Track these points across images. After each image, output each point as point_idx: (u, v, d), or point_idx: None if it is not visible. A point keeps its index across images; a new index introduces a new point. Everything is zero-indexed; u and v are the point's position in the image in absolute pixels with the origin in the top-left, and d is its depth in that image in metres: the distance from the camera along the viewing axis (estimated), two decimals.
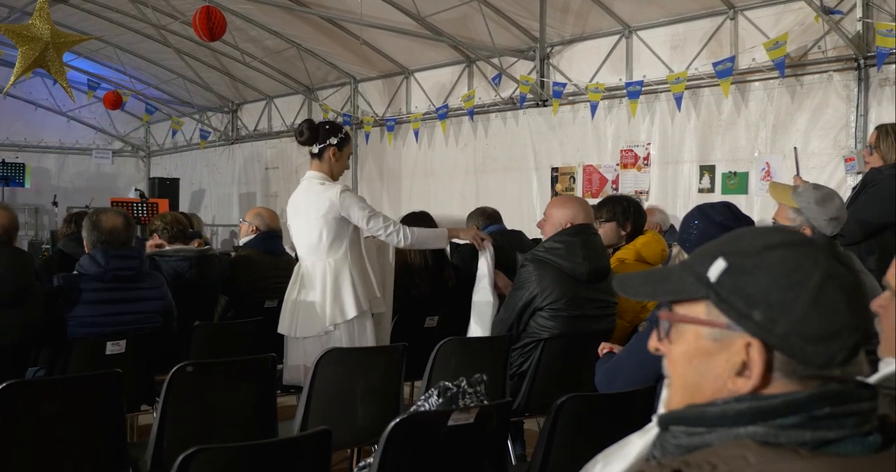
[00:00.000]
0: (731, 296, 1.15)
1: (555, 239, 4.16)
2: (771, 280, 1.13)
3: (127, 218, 4.28)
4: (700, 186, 8.02)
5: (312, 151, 4.56)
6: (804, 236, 1.19)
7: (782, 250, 1.15)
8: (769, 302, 1.12)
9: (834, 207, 3.39)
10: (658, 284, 1.26)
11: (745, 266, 1.16)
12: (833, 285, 1.11)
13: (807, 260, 1.13)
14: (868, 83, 6.93)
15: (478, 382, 2.67)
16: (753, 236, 1.21)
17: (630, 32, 8.58)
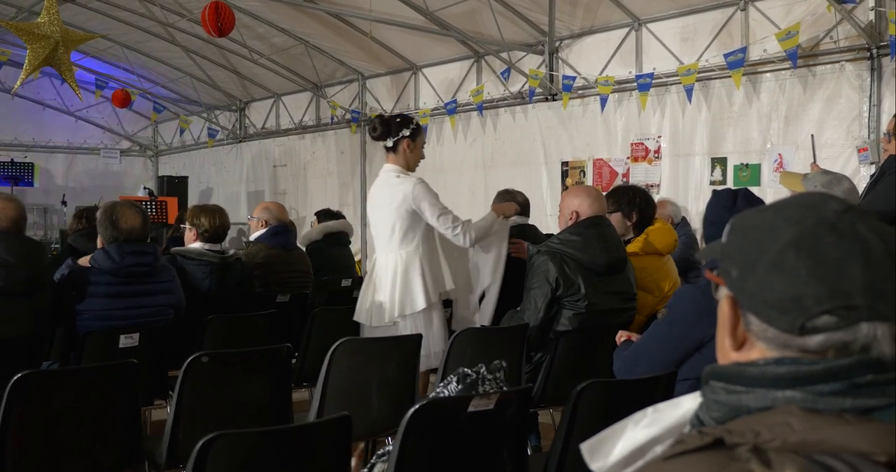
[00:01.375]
0: (725, 255, 1.16)
1: (570, 231, 4.13)
2: (746, 240, 1.13)
3: (145, 216, 4.25)
4: (711, 178, 7.97)
5: (387, 145, 4.72)
6: (812, 199, 1.15)
7: (772, 212, 1.14)
8: (741, 261, 1.12)
9: (840, 191, 3.37)
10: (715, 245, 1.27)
11: (738, 227, 1.16)
12: (799, 250, 1.08)
13: (785, 222, 1.11)
14: (881, 73, 6.87)
15: (497, 368, 2.64)
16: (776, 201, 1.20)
17: (640, 25, 8.53)
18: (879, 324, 1.12)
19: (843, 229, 1.11)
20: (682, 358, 2.99)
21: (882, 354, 1.12)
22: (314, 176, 12.96)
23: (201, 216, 4.95)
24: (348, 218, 11.99)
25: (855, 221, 1.13)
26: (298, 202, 13.13)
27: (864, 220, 1.15)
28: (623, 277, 4.18)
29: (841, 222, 1.12)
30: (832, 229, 1.10)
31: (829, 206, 1.14)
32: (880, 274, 1.11)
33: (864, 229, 1.13)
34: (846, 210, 1.14)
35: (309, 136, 13.02)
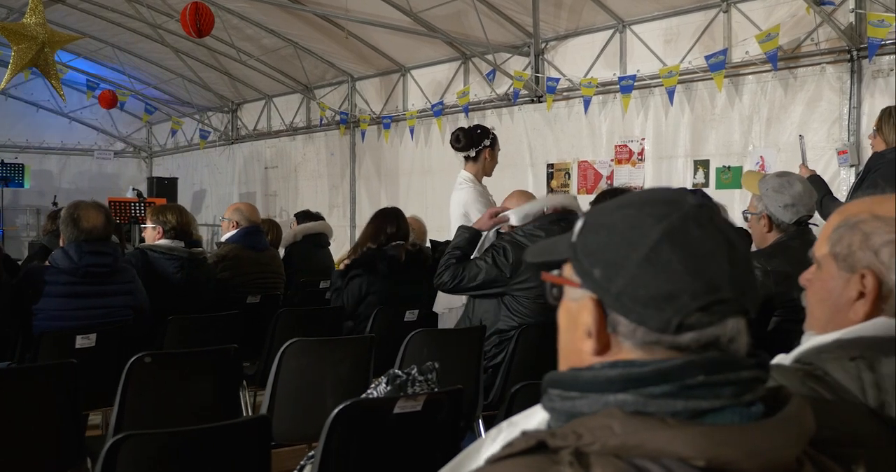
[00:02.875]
0: (581, 254, 1.12)
1: (535, 225, 4.12)
2: (610, 237, 1.09)
3: (107, 214, 4.24)
4: (694, 180, 7.94)
5: (469, 155, 5.14)
6: (670, 195, 1.12)
7: (633, 209, 1.11)
8: (606, 260, 1.08)
9: (791, 194, 3.33)
10: (551, 244, 1.22)
11: (595, 224, 1.13)
12: (671, 245, 1.05)
13: (652, 218, 1.08)
14: (861, 75, 6.83)
15: (429, 369, 2.61)
16: (623, 196, 1.17)
17: (624, 27, 8.51)
18: (741, 319, 1.11)
19: (704, 223, 1.09)
20: None
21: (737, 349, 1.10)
22: (305, 177, 12.96)
23: (167, 213, 4.94)
24: (338, 219, 12.08)
25: (712, 215, 1.12)
26: (289, 204, 13.13)
27: (717, 213, 1.13)
28: None
29: (701, 216, 1.10)
30: (697, 223, 1.08)
31: (687, 200, 1.12)
32: (741, 267, 1.10)
33: (721, 223, 1.11)
34: (703, 204, 1.12)
35: (300, 137, 13.02)
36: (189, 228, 4.98)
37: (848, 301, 1.45)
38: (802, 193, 3.36)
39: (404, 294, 5.13)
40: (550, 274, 1.19)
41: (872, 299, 1.42)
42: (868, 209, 1.47)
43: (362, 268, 5.10)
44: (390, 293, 5.12)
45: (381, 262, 5.11)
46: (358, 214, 11.84)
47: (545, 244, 1.24)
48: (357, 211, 11.90)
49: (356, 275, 5.09)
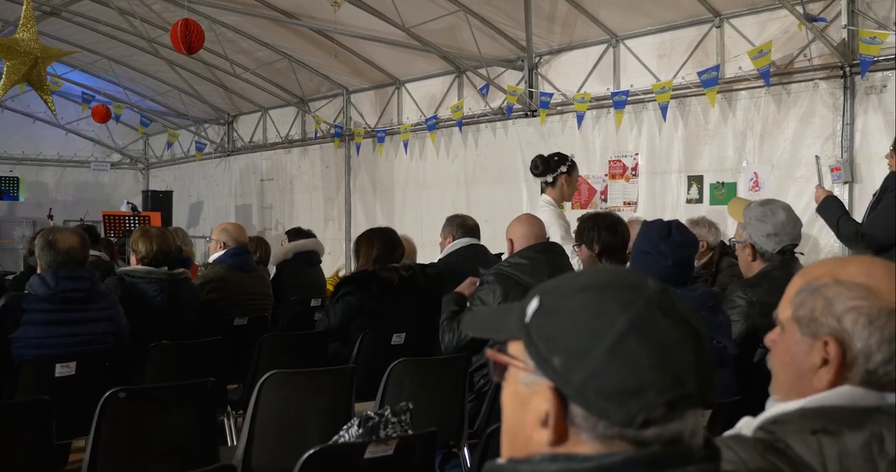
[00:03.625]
0: (538, 338, 1.06)
1: (520, 255, 4.08)
2: (572, 325, 1.04)
3: (83, 237, 4.20)
4: (688, 196, 7.90)
5: (547, 181, 5.51)
6: (631, 279, 1.08)
7: (594, 293, 1.05)
8: (568, 348, 1.03)
9: (773, 223, 3.29)
10: (496, 319, 1.17)
11: (554, 307, 1.07)
12: (639, 336, 1.01)
13: (616, 305, 1.03)
14: (854, 91, 6.80)
15: (402, 410, 2.57)
16: (578, 275, 1.12)
17: (617, 41, 8.48)
18: (701, 412, 1.07)
19: (668, 310, 1.05)
20: None
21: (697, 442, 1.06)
22: (300, 190, 12.93)
23: (138, 242, 4.89)
24: (333, 232, 12.05)
25: (674, 301, 1.07)
26: (285, 217, 13.10)
27: (677, 299, 1.09)
28: None
29: (664, 303, 1.06)
30: (662, 311, 1.04)
31: (648, 285, 1.08)
32: (704, 358, 1.06)
33: (682, 310, 1.07)
34: (664, 289, 1.08)
35: (295, 150, 13.00)
36: (163, 256, 4.91)
37: (811, 368, 1.40)
38: (785, 221, 3.32)
39: (394, 317, 5.07)
40: (495, 352, 1.14)
41: (836, 366, 1.37)
42: (830, 273, 1.42)
43: (354, 285, 5.05)
44: (380, 315, 5.06)
45: (373, 282, 5.05)
46: (353, 227, 11.80)
47: (490, 316, 1.19)
48: (352, 224, 11.86)
49: (347, 292, 5.03)
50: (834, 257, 1.48)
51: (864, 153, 6.76)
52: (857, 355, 1.36)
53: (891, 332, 1.34)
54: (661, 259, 2.94)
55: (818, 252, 6.90)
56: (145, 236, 4.90)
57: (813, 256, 6.94)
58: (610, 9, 8.17)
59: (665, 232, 2.97)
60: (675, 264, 2.93)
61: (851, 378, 1.37)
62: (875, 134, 6.67)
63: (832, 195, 5.47)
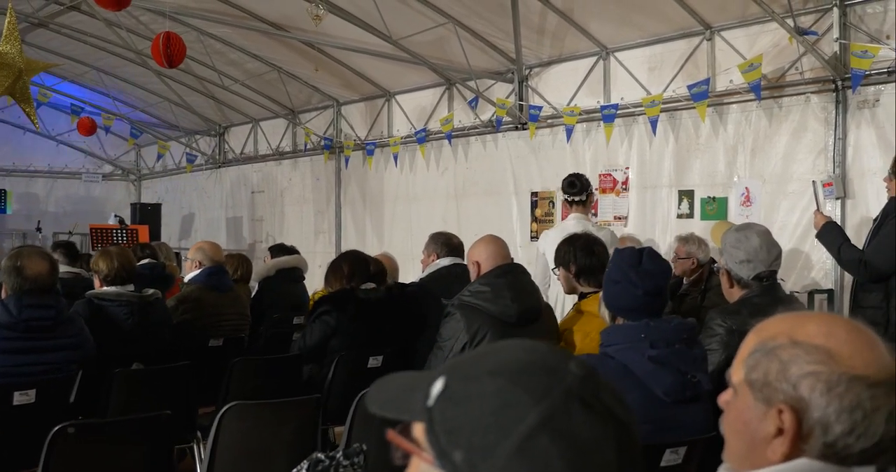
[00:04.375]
0: (440, 427, 0.93)
1: (480, 282, 3.94)
2: (478, 416, 0.90)
3: (53, 264, 4.06)
4: (679, 211, 7.76)
5: (581, 199, 5.71)
6: (550, 363, 0.94)
7: (506, 378, 0.92)
8: (471, 443, 0.90)
9: (746, 250, 3.17)
10: (401, 396, 1.03)
11: (459, 392, 0.93)
12: (552, 434, 0.87)
13: (529, 394, 0.89)
14: (846, 105, 6.67)
15: (356, 452, 2.42)
16: (492, 353, 0.98)
17: (607, 54, 8.36)
18: None
19: (590, 401, 0.91)
20: None
21: None
22: (290, 203, 12.80)
23: (98, 261, 4.75)
24: (324, 245, 11.92)
25: (598, 390, 0.94)
26: (275, 229, 12.97)
27: (603, 385, 0.95)
28: (539, 326, 3.97)
29: (587, 392, 0.92)
30: (582, 403, 0.91)
31: (571, 370, 0.94)
32: (629, 457, 0.92)
33: (608, 399, 0.93)
34: (588, 375, 0.94)
35: (286, 162, 12.88)
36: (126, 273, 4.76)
37: (765, 437, 1.26)
38: (759, 248, 3.19)
39: (371, 338, 4.94)
40: (397, 434, 1.00)
41: (791, 437, 1.23)
42: (787, 332, 1.28)
43: (332, 305, 4.91)
44: (357, 336, 4.93)
45: (350, 303, 4.92)
46: (343, 240, 11.67)
47: (396, 391, 1.04)
48: (343, 237, 11.73)
49: (324, 312, 4.90)
50: (793, 313, 1.33)
51: (857, 169, 6.63)
52: (814, 426, 1.22)
53: (851, 401, 1.20)
54: (631, 289, 2.81)
55: (810, 269, 6.78)
56: (105, 255, 4.77)
57: (804, 273, 6.81)
58: (600, 21, 8.05)
59: (635, 260, 2.84)
60: (646, 294, 2.79)
61: (809, 451, 1.23)
62: (868, 149, 6.55)
63: (832, 221, 5.34)
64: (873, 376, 1.21)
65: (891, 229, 4.61)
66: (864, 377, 1.21)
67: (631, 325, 2.83)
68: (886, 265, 4.50)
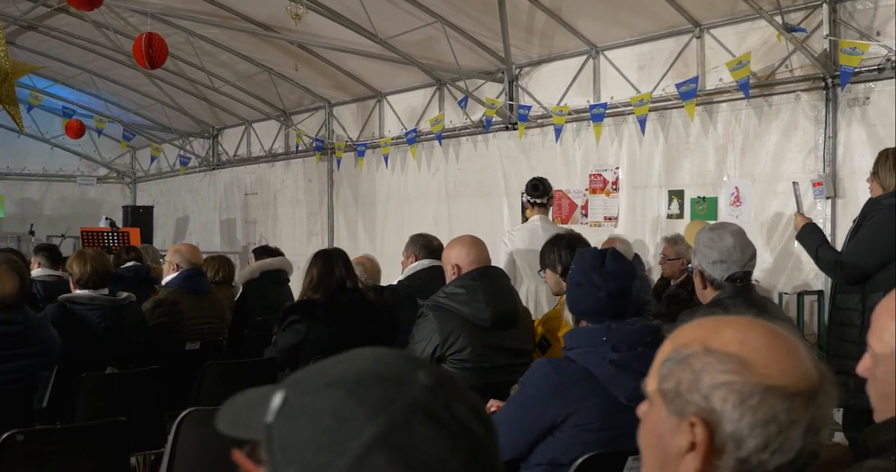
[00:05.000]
0: (277, 444, 0.85)
1: (456, 284, 3.86)
2: (313, 433, 0.83)
3: (22, 278, 3.99)
4: (669, 211, 7.67)
5: (542, 202, 6.13)
6: (396, 373, 0.86)
7: (344, 391, 0.84)
8: (305, 463, 0.83)
9: (719, 250, 3.08)
10: (245, 412, 0.94)
11: (297, 407, 0.86)
12: (389, 451, 0.79)
13: (367, 408, 0.82)
14: (837, 104, 6.57)
15: None
16: (336, 363, 0.90)
17: (597, 53, 8.27)
18: None
19: (438, 414, 0.83)
20: (534, 440, 2.70)
21: None
22: (283, 204, 12.73)
23: (73, 264, 4.70)
24: (316, 247, 11.70)
25: (449, 401, 0.85)
26: (268, 231, 12.90)
27: (458, 396, 0.87)
28: (516, 332, 3.89)
29: (434, 404, 0.84)
30: (427, 416, 0.83)
31: (418, 380, 0.86)
32: (483, 467, 0.84)
33: (461, 411, 0.85)
34: (439, 385, 0.86)
35: (279, 164, 12.81)
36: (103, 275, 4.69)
37: (678, 452, 1.17)
38: (732, 248, 3.10)
39: (345, 343, 4.84)
40: (243, 454, 0.92)
41: (703, 452, 1.14)
42: (701, 339, 1.19)
43: (301, 313, 4.83)
44: (331, 340, 4.84)
45: (320, 308, 4.84)
46: (336, 242, 11.58)
47: (242, 406, 0.96)
48: (335, 239, 11.65)
49: (294, 321, 4.81)
50: (712, 318, 1.25)
51: (848, 168, 6.52)
52: (726, 441, 1.13)
53: (766, 414, 1.11)
54: (594, 291, 2.72)
55: (800, 270, 6.67)
56: (79, 259, 4.72)
57: (794, 274, 6.72)
58: (589, 19, 7.96)
59: (598, 262, 2.75)
60: (609, 296, 2.71)
61: (722, 467, 1.14)
62: (858, 148, 6.44)
63: (812, 223, 5.26)
64: (790, 387, 1.12)
65: (868, 231, 4.51)
66: (779, 388, 1.12)
67: (593, 328, 2.74)
68: (863, 267, 4.41)
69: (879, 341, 1.59)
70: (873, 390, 1.62)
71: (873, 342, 1.61)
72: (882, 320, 1.61)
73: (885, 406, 1.59)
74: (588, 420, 2.66)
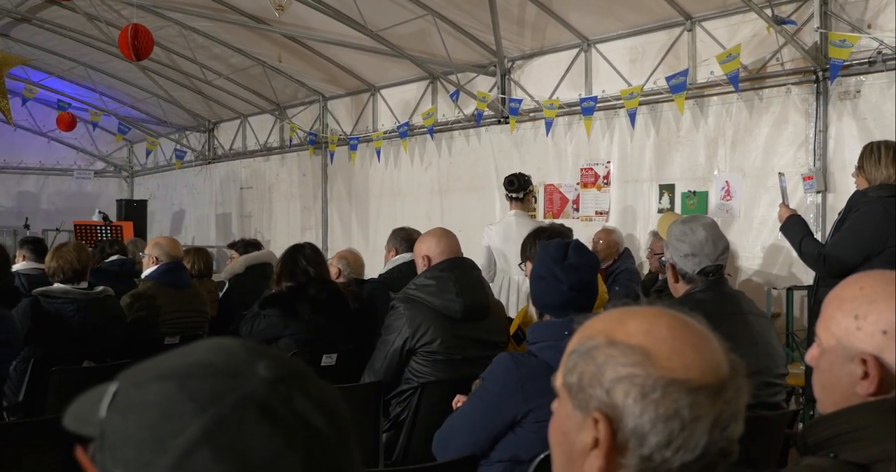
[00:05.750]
0: (107, 441, 0.81)
1: (426, 275, 3.81)
2: (137, 428, 0.78)
3: None
4: (660, 205, 7.60)
5: (518, 196, 6.32)
6: (234, 364, 0.81)
7: (174, 383, 0.79)
8: (128, 460, 0.78)
9: (690, 243, 3.02)
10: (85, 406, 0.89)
11: (127, 401, 0.82)
12: (214, 448, 0.74)
13: (194, 402, 0.76)
14: (827, 97, 6.49)
15: None
16: (173, 355, 0.85)
17: (589, 46, 8.20)
18: None
19: (275, 409, 0.78)
20: (495, 436, 2.65)
21: None
22: (278, 199, 12.68)
23: (51, 259, 4.65)
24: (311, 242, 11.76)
25: (291, 395, 0.80)
26: (263, 225, 12.86)
27: (302, 389, 0.81)
28: (488, 323, 3.84)
29: (272, 398, 0.78)
30: (262, 411, 0.77)
31: (257, 372, 0.80)
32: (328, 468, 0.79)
33: (304, 407, 0.80)
34: (280, 378, 0.80)
35: (274, 157, 12.75)
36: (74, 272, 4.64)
37: (582, 450, 1.12)
38: (704, 241, 3.04)
39: (324, 336, 4.80)
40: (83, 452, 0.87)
41: (606, 449, 1.09)
42: (606, 331, 1.14)
43: (279, 308, 4.79)
44: (310, 335, 4.80)
45: (300, 302, 4.79)
46: (330, 237, 11.55)
47: (86, 401, 0.91)
48: (329, 234, 11.61)
49: (270, 315, 4.77)
50: (619, 309, 1.19)
51: (839, 161, 6.45)
52: (629, 437, 1.08)
53: (668, 408, 1.06)
54: (556, 285, 2.67)
55: (790, 264, 6.61)
56: (55, 253, 4.67)
57: (785, 269, 6.65)
58: (580, 12, 7.89)
59: (561, 255, 2.69)
60: (571, 289, 2.65)
61: (626, 465, 1.08)
62: (849, 142, 6.37)
63: (796, 214, 5.19)
64: (695, 380, 1.07)
65: (853, 223, 4.45)
66: (683, 382, 1.06)
67: (556, 322, 2.69)
68: (847, 260, 4.34)
69: (826, 330, 1.55)
70: (816, 381, 1.59)
71: (820, 332, 1.57)
72: (830, 310, 1.56)
73: (825, 398, 1.55)
74: (549, 416, 2.60)
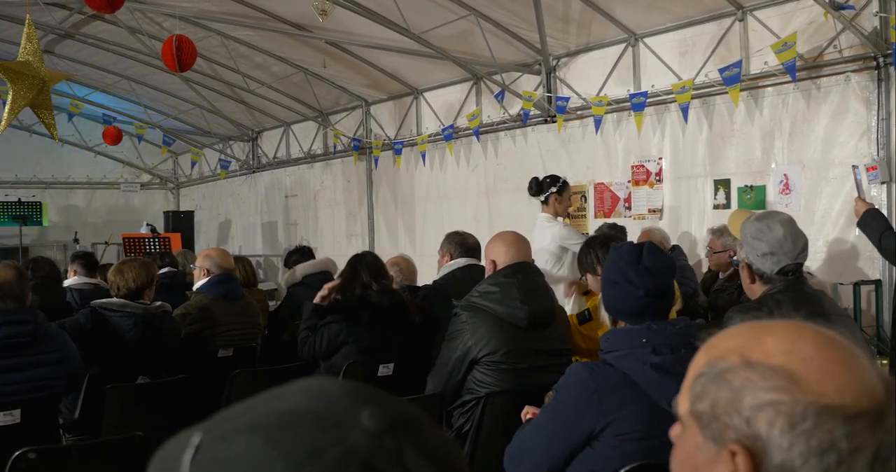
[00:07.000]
0: None
1: (489, 282, 3.68)
2: None
3: (19, 271, 3.87)
4: (715, 201, 7.40)
5: (541, 200, 6.14)
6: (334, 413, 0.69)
7: (263, 437, 0.67)
8: None
9: (768, 241, 2.85)
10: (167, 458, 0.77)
11: (207, 456, 0.70)
12: None
13: (286, 461, 0.65)
14: (889, 84, 6.26)
15: None
16: (264, 400, 0.73)
17: (636, 40, 8.02)
18: None
19: (381, 468, 0.66)
20: (571, 452, 2.51)
21: None
22: (323, 206, 12.64)
23: (115, 275, 4.60)
24: (357, 248, 11.63)
25: (402, 449, 0.68)
26: (309, 233, 12.81)
27: (415, 442, 0.69)
28: (553, 331, 3.70)
29: (378, 455, 0.66)
30: (366, 469, 0.65)
31: (360, 423, 0.68)
32: None
33: (416, 464, 0.68)
34: (389, 429, 0.68)
35: (318, 164, 12.71)
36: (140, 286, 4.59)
37: None
38: (783, 239, 2.87)
39: (383, 345, 4.70)
40: None
41: None
42: (739, 349, 1.00)
43: (342, 315, 4.69)
44: (370, 343, 4.69)
45: (363, 310, 4.69)
46: (377, 242, 11.47)
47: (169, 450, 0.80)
48: (376, 239, 11.53)
49: (333, 321, 4.67)
50: (753, 324, 1.05)
51: None
52: (774, 470, 0.94)
53: (822, 440, 0.91)
54: (631, 290, 2.52)
55: (856, 258, 6.38)
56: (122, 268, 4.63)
57: (850, 263, 6.42)
58: (626, 6, 7.71)
59: (634, 258, 2.54)
60: (647, 295, 2.50)
61: None
62: None
63: (874, 208, 4.98)
64: (851, 406, 0.92)
65: None
66: (838, 408, 0.92)
67: (631, 329, 2.54)
68: None
69: None
70: None
71: None
72: None
73: None
74: (629, 429, 2.46)
